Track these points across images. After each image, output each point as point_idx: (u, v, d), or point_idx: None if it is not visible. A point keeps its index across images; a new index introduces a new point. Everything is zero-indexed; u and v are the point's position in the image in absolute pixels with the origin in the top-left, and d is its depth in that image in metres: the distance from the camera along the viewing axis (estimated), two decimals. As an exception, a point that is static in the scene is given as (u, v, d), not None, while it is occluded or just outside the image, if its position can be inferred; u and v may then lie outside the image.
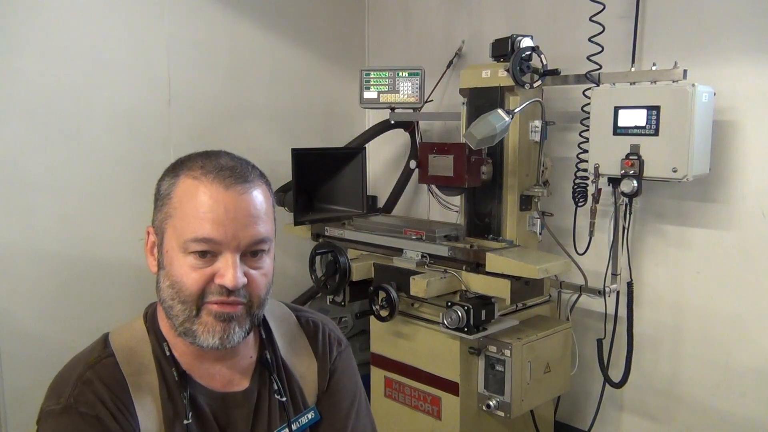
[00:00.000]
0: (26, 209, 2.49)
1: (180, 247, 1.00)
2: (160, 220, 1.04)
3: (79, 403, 0.99)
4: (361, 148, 2.85)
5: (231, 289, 1.00)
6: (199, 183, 1.00)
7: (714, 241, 2.42)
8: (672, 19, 2.45)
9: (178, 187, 1.02)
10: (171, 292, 1.01)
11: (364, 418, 1.23)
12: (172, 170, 1.06)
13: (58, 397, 1.00)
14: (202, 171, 1.01)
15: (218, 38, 3.02)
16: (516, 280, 2.21)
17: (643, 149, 2.18)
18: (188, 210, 1.00)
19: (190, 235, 0.99)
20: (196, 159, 1.04)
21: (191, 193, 1.00)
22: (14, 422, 2.48)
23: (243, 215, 1.00)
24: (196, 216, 0.99)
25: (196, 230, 0.98)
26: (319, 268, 2.60)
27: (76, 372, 1.03)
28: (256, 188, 1.04)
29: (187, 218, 0.99)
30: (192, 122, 2.93)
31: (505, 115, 2.16)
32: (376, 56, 3.65)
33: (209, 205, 0.99)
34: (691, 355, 2.52)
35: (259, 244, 1.03)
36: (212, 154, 1.06)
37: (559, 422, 2.87)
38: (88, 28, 2.60)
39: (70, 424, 0.98)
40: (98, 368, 1.03)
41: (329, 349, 1.23)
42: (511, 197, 2.46)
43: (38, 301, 2.54)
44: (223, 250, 1.00)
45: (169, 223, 1.02)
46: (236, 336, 1.03)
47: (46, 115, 2.51)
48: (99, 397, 1.00)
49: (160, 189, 1.05)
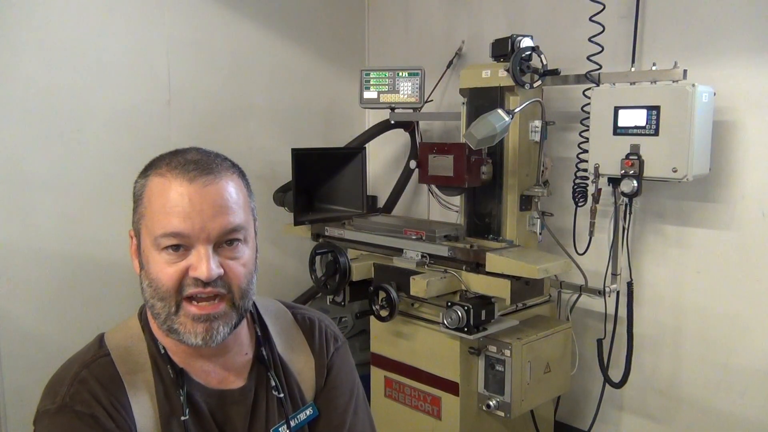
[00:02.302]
0: (26, 209, 2.49)
1: (153, 245, 1.01)
2: (136, 222, 1.05)
3: (75, 402, 0.99)
4: (361, 148, 2.85)
5: (206, 281, 0.99)
6: (165, 180, 1.01)
7: (714, 241, 2.42)
8: (672, 19, 2.45)
9: (148, 186, 1.03)
10: (150, 290, 1.02)
11: (362, 414, 1.23)
12: (143, 171, 1.06)
13: (53, 396, 1.01)
14: (168, 167, 1.02)
15: (218, 38, 3.02)
16: (516, 280, 2.21)
17: (643, 149, 2.18)
18: (156, 207, 1.01)
19: (159, 231, 0.99)
20: (164, 157, 1.05)
21: (159, 191, 1.01)
22: (14, 422, 2.48)
23: (209, 206, 1.00)
24: (164, 212, 0.99)
25: (164, 226, 0.99)
26: (319, 268, 2.60)
27: (71, 371, 1.03)
28: (223, 179, 1.03)
29: (155, 215, 1.01)
30: (192, 122, 2.93)
31: (505, 115, 2.16)
32: (376, 56, 3.65)
33: (174, 199, 0.99)
34: (691, 355, 2.52)
35: (232, 234, 1.02)
36: (180, 151, 1.06)
37: (559, 422, 2.87)
38: (88, 28, 2.60)
39: (65, 423, 0.98)
40: (93, 367, 1.04)
41: (326, 346, 1.23)
42: (511, 197, 2.46)
43: (38, 301, 2.54)
44: (194, 242, 1.00)
45: (143, 223, 1.03)
46: (221, 334, 1.03)
47: (46, 115, 2.51)
48: (94, 395, 1.00)
49: (134, 191, 1.06)
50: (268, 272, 3.24)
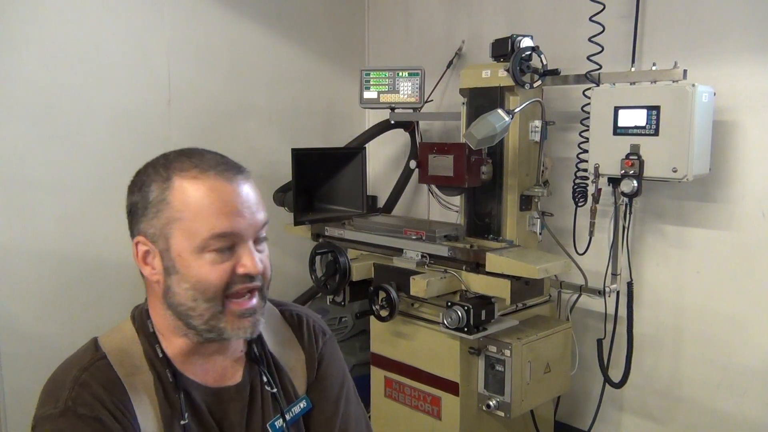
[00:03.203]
0: (26, 209, 2.49)
1: (196, 248, 1.00)
2: (160, 227, 1.02)
3: (78, 405, 0.98)
4: (361, 148, 2.85)
5: (254, 276, 1.04)
6: (200, 181, 1.01)
7: (714, 241, 2.42)
8: (672, 19, 2.45)
9: (176, 189, 1.01)
10: (192, 293, 1.02)
11: (354, 404, 1.27)
12: (156, 175, 1.03)
13: (54, 401, 0.99)
14: (199, 169, 1.02)
15: (218, 38, 3.02)
16: (516, 280, 2.21)
17: (643, 149, 2.18)
18: (199, 209, 1.00)
19: (208, 233, 1.00)
20: (182, 160, 1.04)
21: (199, 193, 1.01)
22: (14, 422, 2.48)
23: (251, 203, 1.04)
24: (211, 213, 1.00)
25: (214, 227, 1.00)
26: (319, 268, 2.60)
27: (70, 375, 1.02)
28: (249, 177, 1.08)
29: (200, 218, 1.00)
30: (192, 122, 2.93)
31: (505, 115, 2.16)
32: (376, 56, 3.65)
33: (222, 200, 1.01)
34: (691, 355, 2.52)
35: (264, 229, 1.08)
36: (194, 152, 1.07)
37: (559, 422, 2.87)
38: (88, 28, 2.60)
39: (68, 427, 0.97)
40: (93, 370, 1.03)
41: (315, 340, 1.26)
42: (511, 197, 2.46)
43: (38, 301, 2.54)
44: (241, 240, 1.03)
45: (176, 226, 1.01)
46: (261, 323, 1.09)
47: (46, 115, 2.51)
48: (97, 398, 1.00)
49: (148, 196, 1.02)
50: (268, 272, 3.25)
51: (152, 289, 1.08)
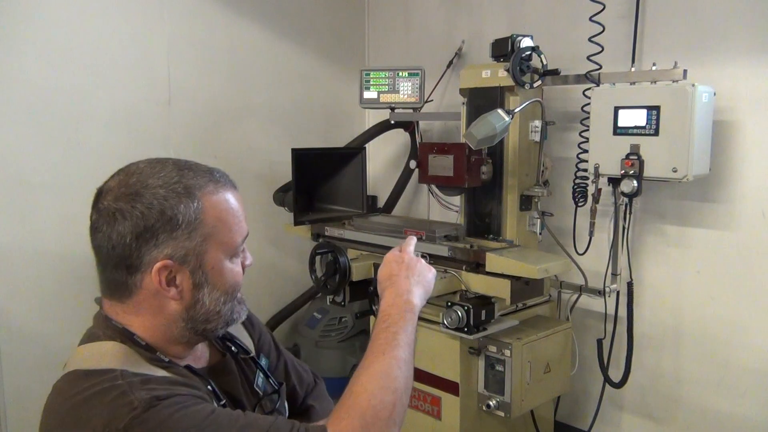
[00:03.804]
0: (26, 209, 2.49)
1: (229, 256, 1.07)
2: (194, 247, 1.02)
3: (154, 392, 0.92)
4: (361, 148, 2.85)
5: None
6: (221, 195, 1.06)
7: (714, 241, 2.42)
8: (672, 19, 2.45)
9: (209, 207, 1.04)
10: (223, 298, 1.08)
11: (282, 347, 1.40)
12: (176, 198, 1.01)
13: (129, 408, 0.90)
14: (216, 185, 1.07)
15: (218, 38, 3.02)
16: (516, 280, 2.21)
17: (643, 149, 2.18)
18: (228, 219, 1.06)
19: (239, 239, 1.08)
20: (195, 177, 1.04)
21: (224, 206, 1.06)
22: (14, 422, 2.48)
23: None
24: (237, 221, 1.08)
25: (242, 232, 1.09)
26: (319, 268, 2.60)
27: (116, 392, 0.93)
28: None
29: (231, 228, 1.07)
30: (192, 122, 2.93)
31: (505, 115, 2.16)
32: (376, 56, 3.65)
33: (237, 206, 1.09)
34: (691, 355, 2.52)
35: None
36: (191, 165, 1.08)
37: (559, 422, 2.87)
38: (88, 28, 2.60)
39: (168, 407, 0.91)
40: (131, 382, 0.96)
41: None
42: (511, 197, 2.46)
43: (38, 301, 2.54)
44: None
45: (211, 241, 1.04)
46: None
47: (46, 115, 2.51)
48: (159, 382, 0.97)
49: (176, 218, 1.00)
50: (268, 272, 3.25)
51: (155, 309, 1.05)
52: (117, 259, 1.03)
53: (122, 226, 1.01)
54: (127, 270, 1.03)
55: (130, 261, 1.02)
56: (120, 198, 1.02)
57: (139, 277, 1.03)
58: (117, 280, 1.05)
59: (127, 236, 1.00)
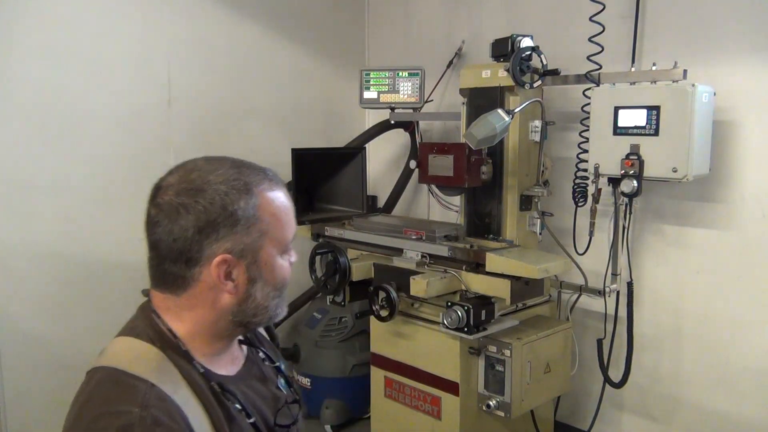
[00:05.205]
0: (27, 210, 2.49)
1: (281, 252, 1.09)
2: (251, 242, 1.04)
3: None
4: (361, 148, 2.86)
5: None
6: (274, 192, 1.08)
7: (714, 241, 2.42)
8: (672, 19, 2.45)
9: (265, 203, 1.06)
10: (273, 293, 1.10)
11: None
12: (236, 193, 1.03)
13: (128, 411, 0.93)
14: (269, 182, 1.08)
15: (218, 38, 3.02)
16: (516, 280, 2.21)
17: (643, 149, 2.18)
18: (282, 216, 1.09)
19: (290, 236, 1.11)
20: (252, 174, 1.07)
21: (276, 203, 1.08)
22: (14, 422, 2.48)
23: None
24: (289, 218, 1.10)
25: (293, 229, 1.12)
26: (319, 268, 2.60)
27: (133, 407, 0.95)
28: None
29: (284, 224, 1.09)
30: (192, 123, 2.93)
31: (505, 115, 2.16)
32: (376, 56, 3.65)
33: (289, 204, 1.11)
34: (691, 355, 2.52)
35: None
36: (247, 162, 1.10)
37: (559, 422, 2.87)
38: (88, 28, 2.60)
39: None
40: (153, 403, 0.97)
41: None
42: (511, 197, 2.46)
43: (38, 301, 2.54)
44: None
45: (266, 237, 1.06)
46: None
47: (46, 116, 2.51)
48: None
49: (236, 213, 1.02)
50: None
51: (209, 302, 1.06)
52: (177, 252, 1.03)
53: (185, 220, 1.01)
54: (186, 263, 1.03)
55: (190, 254, 1.02)
56: (182, 193, 1.02)
57: (197, 270, 1.03)
58: (174, 273, 1.04)
59: (189, 230, 1.01)
